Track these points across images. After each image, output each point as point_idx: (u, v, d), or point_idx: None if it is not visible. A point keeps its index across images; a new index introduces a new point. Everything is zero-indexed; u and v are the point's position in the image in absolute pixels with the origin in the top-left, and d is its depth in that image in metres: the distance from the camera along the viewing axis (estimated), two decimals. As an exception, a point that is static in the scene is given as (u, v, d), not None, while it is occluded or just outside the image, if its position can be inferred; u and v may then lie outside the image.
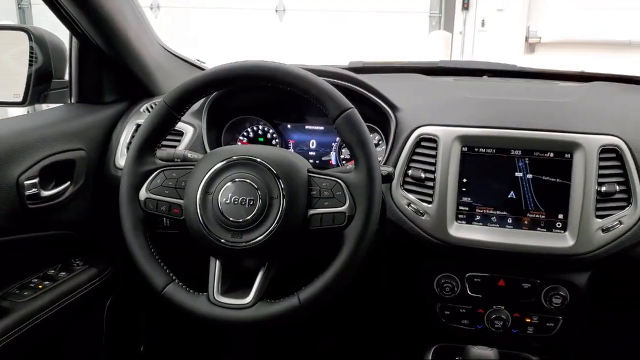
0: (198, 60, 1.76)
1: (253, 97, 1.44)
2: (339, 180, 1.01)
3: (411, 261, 1.32)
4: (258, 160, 1.02)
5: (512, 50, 5.84)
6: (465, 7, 5.99)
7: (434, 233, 1.21)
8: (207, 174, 1.02)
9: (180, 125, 1.33)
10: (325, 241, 1.04)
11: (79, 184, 1.34)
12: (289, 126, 1.49)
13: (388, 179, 1.11)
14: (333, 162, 1.46)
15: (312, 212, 1.01)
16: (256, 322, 0.99)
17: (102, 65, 1.44)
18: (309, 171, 1.03)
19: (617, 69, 1.73)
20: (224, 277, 1.04)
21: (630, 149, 1.17)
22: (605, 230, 1.15)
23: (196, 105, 1.34)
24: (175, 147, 1.35)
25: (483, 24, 5.95)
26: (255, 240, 0.99)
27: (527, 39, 5.94)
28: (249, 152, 1.04)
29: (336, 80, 1.27)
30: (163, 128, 1.08)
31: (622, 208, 1.16)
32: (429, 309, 1.31)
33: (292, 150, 1.47)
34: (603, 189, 1.15)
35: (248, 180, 1.00)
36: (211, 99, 1.38)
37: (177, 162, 1.14)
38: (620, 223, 1.15)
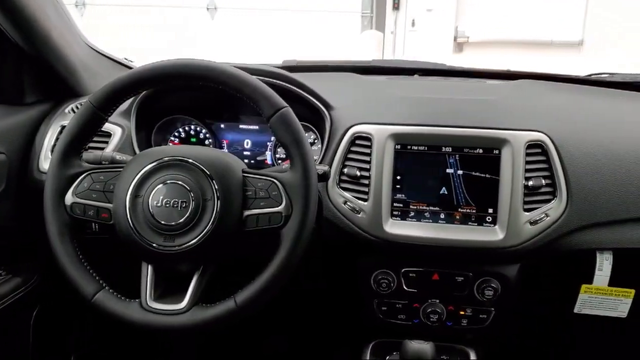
0: (126, 59, 1.71)
1: (184, 96, 1.40)
2: (274, 180, 1.00)
3: (348, 259, 1.32)
4: (190, 160, 0.99)
5: (442, 50, 6.00)
6: (396, 7, 6.10)
7: (369, 230, 1.22)
8: (136, 176, 0.99)
9: (107, 126, 1.29)
10: (262, 242, 1.03)
11: (0, 189, 1.27)
12: (222, 126, 1.46)
13: (324, 177, 1.11)
14: (269, 161, 1.45)
15: (247, 213, 0.99)
16: (192, 327, 0.97)
17: (22, 64, 1.37)
18: (243, 171, 1.02)
19: (541, 67, 1.80)
20: (157, 282, 1.01)
21: (554, 144, 1.22)
22: (532, 223, 1.20)
23: (124, 105, 1.31)
24: (102, 149, 1.30)
25: (413, 24, 6.09)
26: (189, 243, 0.96)
27: (455, 38, 6.13)
28: (180, 153, 1.01)
29: (270, 79, 1.26)
30: (89, 129, 1.04)
31: (548, 201, 1.21)
32: (367, 306, 1.33)
33: (226, 151, 1.44)
34: (530, 183, 1.20)
35: (180, 182, 0.98)
36: (140, 99, 1.34)
37: (105, 164, 1.10)
38: (547, 216, 1.20)
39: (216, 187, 0.97)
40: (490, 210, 1.22)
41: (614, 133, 1.28)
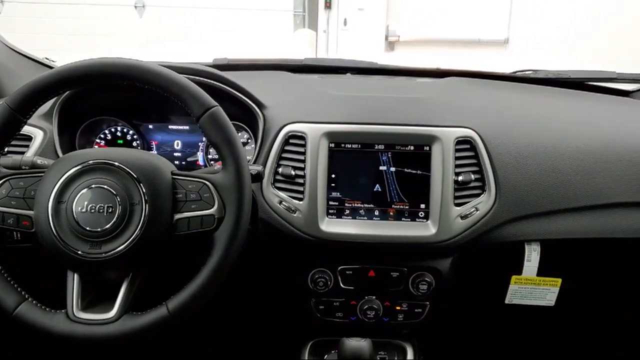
0: (47, 59, 1.63)
1: (110, 97, 1.35)
2: (206, 182, 0.97)
3: (285, 258, 1.31)
4: (116, 164, 0.95)
5: (374, 48, 6.08)
6: (328, 6, 6.13)
7: (306, 229, 1.22)
8: (59, 181, 0.94)
9: (27, 129, 1.22)
10: (195, 246, 1.00)
11: None
12: (150, 127, 1.41)
13: (258, 177, 1.09)
14: (201, 162, 1.41)
15: (178, 216, 0.96)
16: (122, 337, 0.93)
17: None
18: (172, 173, 0.99)
19: (469, 64, 1.85)
20: (84, 291, 0.96)
21: (482, 140, 1.25)
22: (463, 217, 1.22)
23: (46, 107, 1.24)
24: (22, 153, 1.23)
25: (345, 23, 6.13)
26: (117, 250, 0.92)
27: (387, 37, 6.22)
28: (105, 156, 0.97)
29: (198, 78, 1.22)
30: (6, 133, 0.98)
31: (478, 196, 1.24)
32: (304, 305, 1.32)
33: (155, 152, 1.40)
34: (460, 178, 1.22)
35: (106, 186, 0.94)
36: (62, 100, 1.28)
37: (25, 169, 1.04)
38: (477, 210, 1.23)
39: (144, 190, 0.94)
40: (423, 206, 1.24)
41: (538, 128, 1.33)
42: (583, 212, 1.27)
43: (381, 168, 1.24)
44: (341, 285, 1.29)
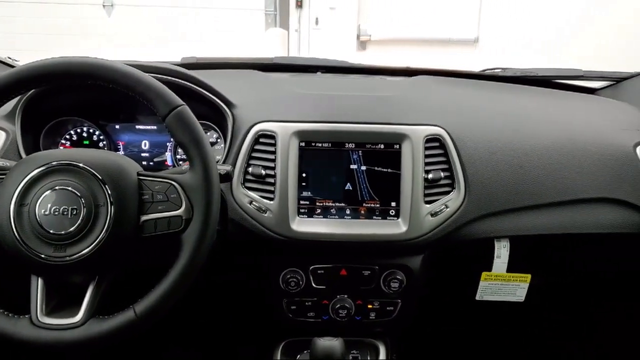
0: (9, 58, 1.59)
1: (75, 97, 1.32)
2: (172, 182, 0.96)
3: (256, 259, 1.30)
4: (80, 165, 0.93)
5: (346, 48, 6.08)
6: (299, 5, 6.11)
7: (277, 229, 1.21)
8: (21, 183, 0.91)
9: (-11, 130, 1.19)
10: (162, 248, 0.99)
11: None
12: (117, 127, 1.39)
13: (227, 177, 1.07)
14: (169, 162, 1.39)
15: (144, 218, 0.95)
16: (88, 342, 0.91)
17: None
18: (138, 174, 0.97)
19: (440, 63, 1.86)
20: (49, 296, 0.94)
21: (451, 137, 1.26)
22: (433, 214, 1.23)
23: (8, 107, 1.22)
24: None
25: (317, 22, 6.12)
26: (81, 253, 0.90)
27: (358, 36, 6.23)
28: (69, 157, 0.95)
29: (165, 77, 1.21)
30: None
31: (448, 193, 1.25)
32: (276, 306, 1.31)
33: (123, 153, 1.37)
34: (430, 176, 1.23)
35: (70, 188, 0.91)
36: (26, 100, 1.24)
37: None
38: (447, 207, 1.24)
39: (109, 191, 0.92)
40: (393, 204, 1.24)
41: (507, 125, 1.34)
42: (551, 208, 1.29)
43: (352, 167, 1.24)
44: (313, 284, 1.29)
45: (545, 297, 1.57)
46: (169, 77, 1.22)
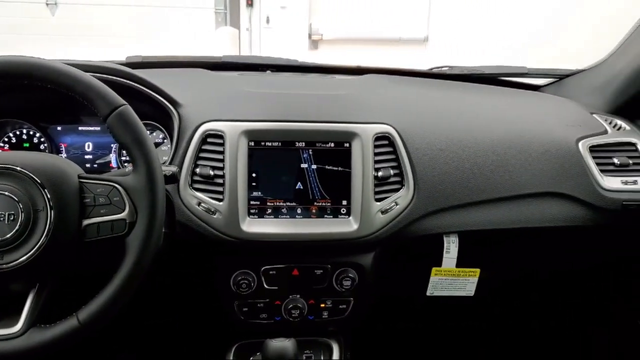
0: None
1: (14, 98, 1.27)
2: (115, 185, 0.93)
3: (206, 261, 1.28)
4: (18, 168, 0.89)
5: (298, 47, 6.08)
6: (250, 3, 6.07)
7: (226, 231, 1.19)
8: None
9: None
10: (106, 252, 0.95)
11: None
12: (59, 128, 1.34)
13: (172, 179, 1.05)
14: (113, 164, 1.35)
15: (87, 222, 0.92)
16: (28, 352, 0.88)
17: None
18: (80, 177, 0.94)
19: (391, 62, 1.87)
20: None
21: (400, 135, 1.27)
22: (384, 212, 1.23)
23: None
24: None
25: (268, 21, 6.10)
26: (20, 259, 0.87)
27: (310, 36, 6.23)
28: (6, 160, 0.91)
29: (107, 76, 1.17)
30: None
31: (397, 190, 1.26)
32: (227, 308, 1.29)
33: (65, 155, 1.33)
34: (379, 173, 1.23)
35: (7, 193, 0.88)
36: (-41, 101, 1.19)
37: None
38: (397, 204, 1.24)
39: (49, 195, 0.89)
40: (345, 202, 1.24)
41: (454, 123, 1.36)
42: (498, 203, 1.31)
43: (302, 166, 1.23)
44: (265, 285, 1.27)
45: (494, 291, 1.60)
46: (111, 77, 1.18)
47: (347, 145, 1.24)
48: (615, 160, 1.38)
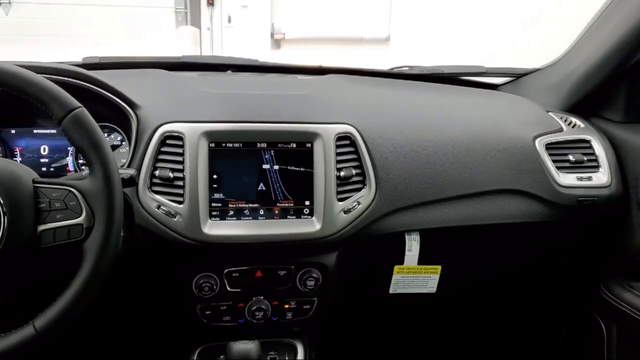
0: None
1: None
2: (71, 189, 0.91)
3: (167, 265, 1.26)
4: None
5: (260, 46, 6.05)
6: (211, 3, 6.01)
7: (187, 234, 1.17)
8: None
9: None
10: (63, 258, 0.93)
11: None
12: (13, 132, 1.30)
13: (131, 182, 1.03)
14: (70, 168, 1.32)
15: (42, 227, 0.89)
16: None
17: None
18: (34, 181, 0.91)
19: (354, 62, 1.88)
20: None
21: (361, 135, 1.28)
22: (346, 211, 1.24)
23: None
24: None
25: (229, 20, 6.04)
26: None
27: (272, 35, 6.21)
28: None
29: (61, 78, 1.14)
30: None
31: (359, 190, 1.26)
32: (190, 312, 1.27)
33: (20, 159, 1.29)
34: (342, 173, 1.24)
35: None
36: None
37: None
38: (359, 204, 1.25)
39: (1, 201, 0.86)
40: (307, 203, 1.24)
41: (415, 122, 1.38)
42: (458, 201, 1.33)
43: (264, 166, 1.23)
44: (227, 288, 1.26)
45: (457, 289, 1.63)
46: (66, 78, 1.15)
47: (309, 145, 1.24)
48: (571, 157, 1.41)
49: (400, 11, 6.34)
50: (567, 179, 1.39)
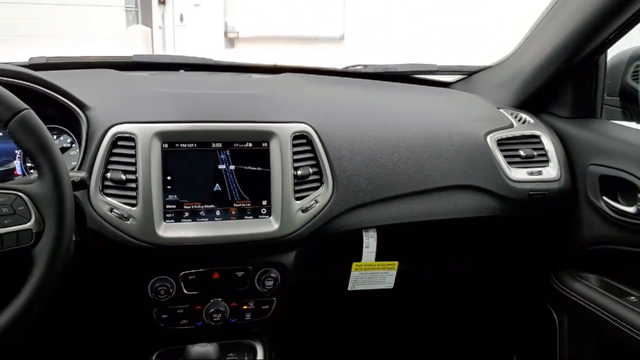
0: None
1: None
2: (19, 193, 0.88)
3: (122, 269, 1.23)
4: None
5: (214, 45, 6.00)
6: (162, 1, 5.92)
7: (141, 237, 1.15)
8: None
9: None
10: (12, 265, 0.90)
11: None
12: None
13: (81, 185, 1.00)
14: (18, 172, 1.27)
15: None
16: None
17: None
18: None
19: (309, 61, 1.88)
20: None
21: (317, 134, 1.28)
22: (304, 210, 1.24)
23: None
24: None
25: (182, 19, 5.97)
26: None
27: (226, 34, 6.16)
28: None
29: (6, 79, 1.10)
30: None
31: (317, 188, 1.27)
32: (146, 316, 1.25)
33: (-37, 164, 1.24)
34: (299, 172, 1.24)
35: None
36: None
37: None
38: (317, 202, 1.25)
39: None
40: (265, 202, 1.23)
41: (370, 120, 1.39)
42: (413, 197, 1.35)
43: (220, 167, 1.21)
44: (184, 291, 1.24)
45: (415, 285, 1.65)
46: (12, 79, 1.11)
47: (265, 145, 1.23)
48: (521, 153, 1.45)
49: (355, 10, 6.39)
50: (518, 174, 1.43)
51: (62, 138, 1.26)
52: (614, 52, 1.53)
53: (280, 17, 6.22)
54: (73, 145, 1.27)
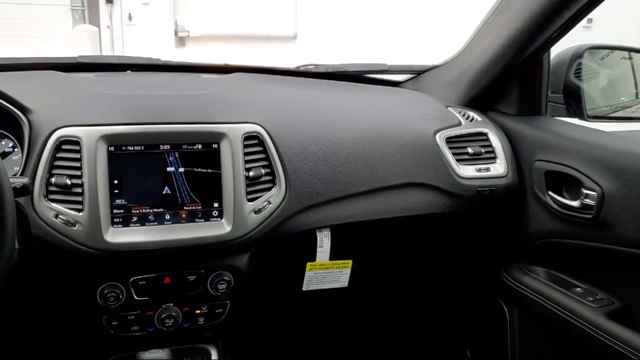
0: None
1: None
2: None
3: (68, 276, 1.20)
4: None
5: (164, 45, 5.89)
6: (110, 0, 5.78)
7: (88, 242, 1.12)
8: None
9: None
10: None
11: None
12: None
13: (24, 191, 0.97)
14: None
15: None
16: None
17: None
18: None
19: (261, 60, 1.86)
20: None
21: (269, 134, 1.27)
22: (257, 211, 1.23)
23: None
24: None
25: (130, 18, 5.84)
26: None
27: (176, 33, 6.07)
28: None
29: None
30: None
31: (270, 189, 1.26)
32: (95, 323, 1.22)
33: None
34: (251, 173, 1.23)
35: None
36: None
37: None
38: (269, 203, 1.25)
39: None
40: (216, 205, 1.22)
41: (321, 120, 1.39)
42: (365, 196, 1.36)
43: (169, 169, 1.19)
44: (134, 297, 1.21)
45: (369, 283, 1.66)
46: None
47: (215, 146, 1.21)
48: (469, 150, 1.48)
49: (307, 9, 6.39)
50: (467, 171, 1.45)
51: (3, 143, 1.22)
52: (557, 51, 1.57)
53: (232, 15, 6.16)
54: (15, 149, 1.22)
